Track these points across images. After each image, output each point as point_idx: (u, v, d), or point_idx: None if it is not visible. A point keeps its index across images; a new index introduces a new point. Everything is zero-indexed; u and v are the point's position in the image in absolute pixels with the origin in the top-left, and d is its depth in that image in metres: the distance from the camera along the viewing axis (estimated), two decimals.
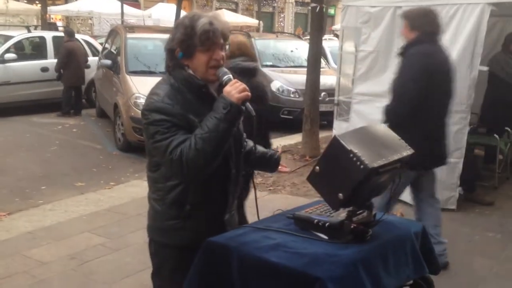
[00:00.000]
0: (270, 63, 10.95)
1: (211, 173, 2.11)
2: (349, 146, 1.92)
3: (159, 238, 2.32)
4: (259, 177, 6.20)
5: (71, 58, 10.61)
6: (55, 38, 11.52)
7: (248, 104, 2.05)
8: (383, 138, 2.12)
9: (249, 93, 2.05)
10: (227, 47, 2.19)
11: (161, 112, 2.07)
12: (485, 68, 5.34)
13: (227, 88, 2.05)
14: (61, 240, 4.55)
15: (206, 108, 2.11)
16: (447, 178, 5.22)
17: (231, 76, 2.11)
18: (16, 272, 3.93)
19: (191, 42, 2.09)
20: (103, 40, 12.52)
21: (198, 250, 2.14)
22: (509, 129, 6.34)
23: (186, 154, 2.00)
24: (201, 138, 2.01)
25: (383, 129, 2.18)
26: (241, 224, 2.48)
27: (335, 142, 1.97)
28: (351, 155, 1.90)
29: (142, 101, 7.64)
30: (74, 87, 10.85)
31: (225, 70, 2.13)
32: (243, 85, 2.05)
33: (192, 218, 2.22)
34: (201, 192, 2.19)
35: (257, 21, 27.96)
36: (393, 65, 5.50)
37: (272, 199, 5.66)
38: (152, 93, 2.16)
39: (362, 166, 1.88)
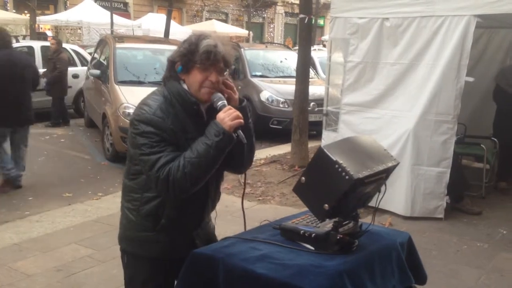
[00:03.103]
0: (260, 73, 10.99)
1: (189, 197, 2.12)
2: (335, 157, 1.92)
3: (130, 249, 2.32)
4: (248, 187, 6.20)
5: (67, 70, 10.61)
6: (43, 48, 11.49)
7: (240, 131, 2.05)
8: (368, 149, 2.13)
9: (242, 121, 2.05)
10: (226, 73, 2.19)
11: (151, 124, 2.06)
12: (471, 79, 5.39)
13: (220, 115, 2.05)
14: (48, 252, 4.51)
15: (194, 126, 2.12)
16: (435, 188, 5.27)
17: (225, 102, 2.11)
18: (1, 285, 3.88)
19: (191, 57, 2.10)
20: (92, 50, 12.50)
21: (168, 262, 2.19)
22: (495, 139, 6.40)
23: (174, 175, 2.01)
24: (190, 162, 2.01)
25: (369, 140, 2.19)
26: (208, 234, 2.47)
27: (320, 153, 1.98)
28: (337, 166, 1.91)
29: (131, 111, 7.61)
30: (62, 98, 10.82)
31: (220, 95, 2.13)
32: (237, 112, 2.05)
33: (166, 231, 2.22)
34: (178, 208, 2.19)
35: (247, 32, 28.10)
36: (381, 75, 5.59)
37: (261, 209, 5.65)
38: (144, 103, 2.15)
39: (347, 177, 1.89)
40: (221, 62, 2.12)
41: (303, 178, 2.04)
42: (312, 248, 2.07)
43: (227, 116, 2.03)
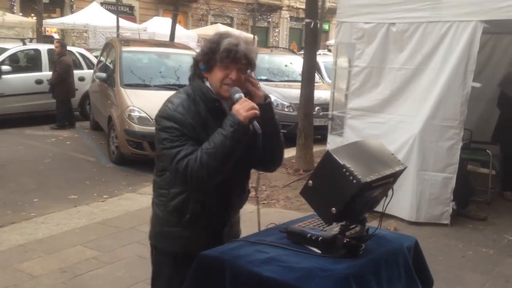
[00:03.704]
0: (265, 77, 11.00)
1: (214, 188, 2.19)
2: (342, 161, 1.92)
3: (158, 244, 2.41)
4: (252, 191, 6.19)
5: (69, 72, 10.63)
6: (50, 51, 11.50)
7: (255, 122, 2.09)
8: (376, 153, 2.13)
9: (257, 112, 2.08)
10: (248, 71, 2.24)
11: (172, 120, 2.15)
12: (478, 85, 5.38)
13: (236, 106, 2.10)
14: (53, 253, 4.51)
15: (216, 123, 2.17)
16: (441, 193, 5.25)
17: (242, 94, 2.15)
18: (6, 286, 3.89)
19: (212, 56, 2.18)
20: (98, 53, 12.55)
21: (194, 258, 2.17)
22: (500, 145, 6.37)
23: (191, 166, 2.07)
24: (207, 153, 2.07)
25: (376, 144, 2.19)
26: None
27: (328, 157, 1.98)
28: (344, 169, 1.91)
29: (136, 114, 7.64)
30: (68, 100, 10.85)
31: (237, 88, 2.17)
32: (252, 104, 2.09)
33: (191, 227, 2.29)
34: (201, 203, 2.26)
35: (252, 36, 28.12)
36: (387, 80, 5.58)
37: (265, 212, 5.65)
38: (168, 100, 2.25)
39: (355, 181, 1.89)
40: (242, 60, 2.17)
41: (310, 181, 2.04)
42: (318, 251, 2.07)
43: (242, 107, 2.07)
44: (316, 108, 8.68)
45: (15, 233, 4.98)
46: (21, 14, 21.34)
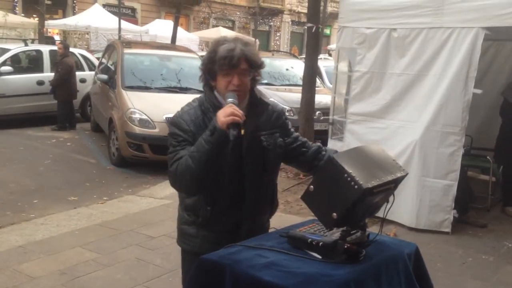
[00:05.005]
0: (266, 81, 10.98)
1: (221, 197, 2.26)
2: (344, 166, 1.92)
3: (179, 243, 2.48)
4: None
5: (71, 74, 10.64)
6: (51, 52, 11.53)
7: (231, 129, 2.06)
8: (377, 159, 2.13)
9: (237, 118, 2.06)
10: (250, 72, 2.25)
11: (176, 126, 2.27)
12: (479, 91, 5.37)
13: (218, 111, 2.12)
14: (52, 254, 4.51)
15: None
16: (441, 200, 5.23)
17: (234, 100, 2.15)
18: (5, 287, 3.88)
19: (212, 66, 2.22)
20: (100, 54, 12.56)
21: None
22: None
23: (180, 169, 2.15)
24: (190, 155, 2.14)
25: (378, 150, 2.19)
26: None
27: (330, 162, 1.98)
28: (346, 175, 1.91)
29: (137, 116, 7.65)
30: (69, 102, 10.86)
31: (233, 94, 2.18)
32: (232, 110, 2.07)
33: (204, 228, 2.35)
34: (210, 206, 2.30)
35: (253, 39, 28.15)
36: (388, 86, 5.59)
37: None
38: (181, 108, 2.34)
39: (356, 186, 1.89)
40: (241, 65, 2.19)
41: (311, 186, 2.04)
42: (319, 256, 2.07)
43: (222, 112, 2.09)
44: (317, 112, 8.68)
45: (15, 234, 4.98)
46: (23, 15, 21.38)
